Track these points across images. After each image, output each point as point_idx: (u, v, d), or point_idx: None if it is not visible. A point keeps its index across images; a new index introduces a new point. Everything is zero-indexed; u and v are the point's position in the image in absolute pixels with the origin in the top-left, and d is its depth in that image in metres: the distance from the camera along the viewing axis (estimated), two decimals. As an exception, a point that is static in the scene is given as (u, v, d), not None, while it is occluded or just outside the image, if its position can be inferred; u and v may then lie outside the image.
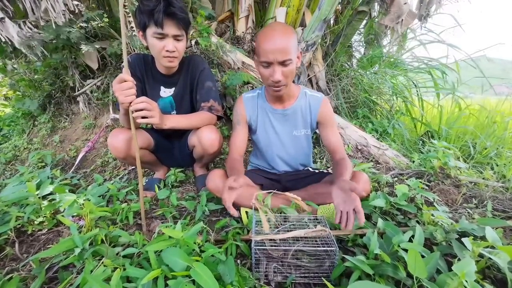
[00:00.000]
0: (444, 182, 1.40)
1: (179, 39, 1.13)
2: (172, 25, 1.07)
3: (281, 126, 1.20)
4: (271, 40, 0.92)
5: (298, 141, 1.22)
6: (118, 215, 1.10)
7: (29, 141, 2.26)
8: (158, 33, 1.07)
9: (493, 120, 2.27)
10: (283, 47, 0.91)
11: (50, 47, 1.91)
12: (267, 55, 0.93)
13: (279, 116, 1.18)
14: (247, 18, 2.29)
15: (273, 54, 0.92)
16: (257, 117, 1.20)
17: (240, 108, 1.20)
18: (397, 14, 2.39)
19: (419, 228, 0.79)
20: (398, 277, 0.68)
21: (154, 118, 0.99)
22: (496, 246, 0.67)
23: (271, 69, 0.96)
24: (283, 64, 0.95)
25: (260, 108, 1.20)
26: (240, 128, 1.20)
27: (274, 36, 0.92)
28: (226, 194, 0.89)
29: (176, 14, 1.05)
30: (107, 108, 2.17)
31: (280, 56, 0.92)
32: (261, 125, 1.21)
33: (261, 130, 1.22)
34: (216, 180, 1.13)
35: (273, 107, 1.18)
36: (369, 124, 2.34)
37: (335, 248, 0.72)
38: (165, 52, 1.12)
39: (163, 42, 1.10)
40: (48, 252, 0.74)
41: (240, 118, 1.20)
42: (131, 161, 1.30)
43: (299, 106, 1.17)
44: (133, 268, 0.66)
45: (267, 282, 0.76)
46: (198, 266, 0.62)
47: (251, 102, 1.20)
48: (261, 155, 1.31)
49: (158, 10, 1.01)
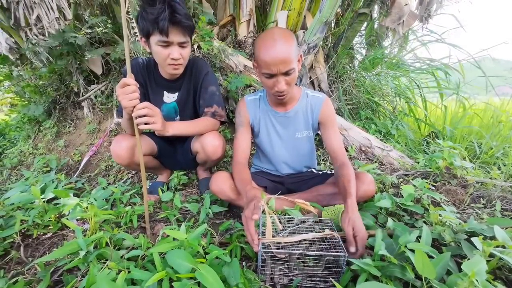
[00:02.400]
0: (450, 183, 1.38)
1: (184, 46, 1.10)
2: (177, 33, 1.04)
3: (283, 128, 1.19)
4: (273, 52, 0.88)
5: (301, 143, 1.22)
6: (122, 218, 1.10)
7: (34, 146, 2.28)
8: (163, 41, 1.04)
9: (499, 119, 2.24)
10: (285, 58, 0.89)
11: (55, 53, 1.94)
12: (269, 68, 0.91)
13: (282, 119, 1.18)
14: (249, 22, 2.31)
15: (276, 66, 0.90)
16: (259, 120, 1.20)
17: (243, 110, 1.20)
18: (398, 16, 2.39)
19: (426, 228, 0.77)
20: (406, 278, 0.66)
21: (156, 124, 0.97)
22: (507, 245, 0.66)
23: (274, 79, 0.95)
24: (286, 74, 0.93)
25: (262, 111, 1.19)
26: (243, 130, 1.19)
27: (275, 47, 0.88)
28: (251, 229, 0.76)
29: (182, 22, 1.02)
30: (111, 112, 2.18)
31: (283, 67, 0.90)
32: (263, 128, 1.21)
33: (263, 133, 1.22)
34: (220, 182, 1.12)
35: (275, 110, 1.17)
36: (372, 125, 2.33)
37: (344, 254, 0.71)
38: (170, 60, 1.10)
39: (168, 50, 1.07)
40: (53, 255, 0.74)
41: (244, 120, 1.19)
42: (134, 167, 1.29)
43: (300, 108, 1.17)
44: (138, 271, 0.65)
45: (273, 284, 0.75)
46: (203, 268, 0.61)
47: (253, 105, 1.20)
48: (264, 158, 1.30)
49: (162, 18, 0.98)
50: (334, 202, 1.08)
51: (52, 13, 1.38)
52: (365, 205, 1.11)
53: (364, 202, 1.12)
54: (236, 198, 1.11)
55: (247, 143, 1.18)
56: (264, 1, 2.72)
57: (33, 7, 1.36)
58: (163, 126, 1.02)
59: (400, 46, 2.98)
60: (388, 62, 2.84)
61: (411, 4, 2.48)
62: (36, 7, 1.34)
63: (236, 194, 1.11)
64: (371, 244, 0.85)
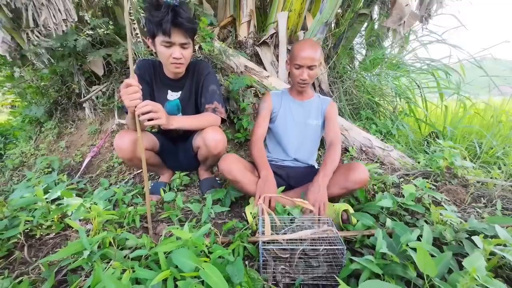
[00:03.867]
0: (451, 182, 1.38)
1: (186, 47, 1.19)
2: (179, 34, 1.13)
3: (298, 113, 1.40)
4: (306, 51, 1.23)
5: (310, 129, 1.39)
6: (125, 219, 1.11)
7: (36, 147, 2.29)
8: (166, 41, 1.13)
9: (499, 119, 2.25)
10: (313, 57, 1.22)
11: (56, 55, 1.95)
12: (301, 60, 1.23)
13: (298, 105, 1.41)
14: (249, 23, 2.32)
15: (305, 60, 1.22)
16: (279, 107, 1.41)
17: (268, 99, 1.40)
18: (399, 16, 2.40)
19: (427, 226, 0.78)
20: (408, 276, 0.67)
21: (160, 119, 1.02)
22: (509, 243, 0.66)
23: (301, 70, 1.26)
24: (310, 68, 1.24)
25: (284, 100, 1.42)
26: (265, 114, 1.37)
27: (308, 47, 1.24)
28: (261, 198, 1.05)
29: (183, 24, 1.11)
30: (112, 113, 2.19)
31: (309, 62, 1.22)
32: (282, 112, 1.41)
33: (281, 117, 1.40)
34: (229, 162, 1.18)
35: (295, 99, 1.42)
36: (372, 125, 2.33)
37: (343, 247, 0.72)
38: (172, 59, 1.18)
39: (171, 50, 1.16)
40: (57, 254, 0.74)
41: (266, 107, 1.38)
42: (136, 162, 1.31)
43: (314, 101, 1.42)
44: (142, 270, 0.66)
45: (275, 283, 0.75)
46: (207, 267, 0.61)
47: (277, 97, 1.42)
48: (275, 144, 1.43)
49: (166, 20, 1.07)
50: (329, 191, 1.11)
51: (59, 15, 1.39)
52: (366, 205, 1.12)
53: (365, 202, 1.12)
54: (240, 179, 1.16)
55: (265, 127, 1.37)
56: (264, 2, 2.73)
57: (41, 9, 1.38)
58: (167, 120, 1.07)
59: (401, 46, 2.99)
60: (389, 62, 2.85)
61: (411, 5, 2.49)
62: (44, 9, 1.36)
63: (241, 176, 1.16)
64: (372, 243, 0.86)
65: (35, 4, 1.34)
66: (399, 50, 3.03)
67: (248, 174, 1.19)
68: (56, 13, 1.40)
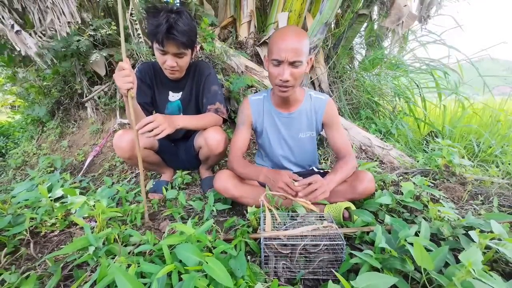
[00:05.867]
0: (449, 180, 1.40)
1: (181, 56, 1.19)
2: (172, 46, 1.13)
3: (287, 129, 1.21)
4: (285, 40, 0.93)
5: (304, 143, 1.23)
6: (128, 216, 1.12)
7: (38, 147, 2.31)
8: (160, 49, 1.15)
9: (497, 119, 2.27)
10: (295, 48, 0.93)
11: (59, 55, 1.96)
12: (279, 53, 0.94)
13: (285, 119, 1.19)
14: (249, 24, 2.34)
15: (285, 52, 0.93)
16: (263, 121, 1.21)
17: (246, 110, 1.21)
18: (397, 16, 2.42)
19: (425, 222, 0.80)
20: (406, 270, 0.69)
21: (166, 130, 1.03)
22: (503, 238, 0.68)
23: (280, 68, 0.97)
24: (293, 64, 0.96)
25: (266, 111, 1.20)
26: (244, 128, 1.21)
27: (288, 35, 0.94)
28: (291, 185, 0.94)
29: (176, 39, 1.10)
30: (114, 113, 2.21)
31: (291, 56, 0.93)
32: (266, 128, 1.22)
33: (266, 134, 1.23)
34: (223, 180, 1.14)
35: (279, 111, 1.18)
36: (372, 125, 2.35)
37: (343, 242, 0.74)
38: (166, 65, 1.20)
39: (165, 57, 1.18)
40: (63, 250, 0.76)
41: (246, 119, 1.21)
42: (136, 161, 1.31)
43: (304, 109, 1.18)
44: (147, 264, 0.68)
45: (277, 278, 0.77)
46: (210, 261, 0.63)
47: (257, 105, 1.21)
48: (267, 157, 1.32)
49: (159, 31, 1.07)
50: (334, 200, 1.11)
51: (63, 17, 1.42)
52: (366, 202, 1.14)
53: (365, 200, 1.14)
54: (239, 196, 1.14)
55: (244, 142, 1.21)
56: (265, 3, 2.75)
57: (46, 11, 1.40)
58: (172, 124, 1.08)
59: (400, 46, 3.01)
60: (388, 62, 2.87)
61: (410, 5, 2.51)
62: (49, 12, 1.38)
63: (239, 192, 1.13)
64: (371, 239, 0.87)
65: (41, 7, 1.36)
66: (398, 50, 3.05)
67: (246, 187, 1.15)
68: (60, 16, 1.43)
